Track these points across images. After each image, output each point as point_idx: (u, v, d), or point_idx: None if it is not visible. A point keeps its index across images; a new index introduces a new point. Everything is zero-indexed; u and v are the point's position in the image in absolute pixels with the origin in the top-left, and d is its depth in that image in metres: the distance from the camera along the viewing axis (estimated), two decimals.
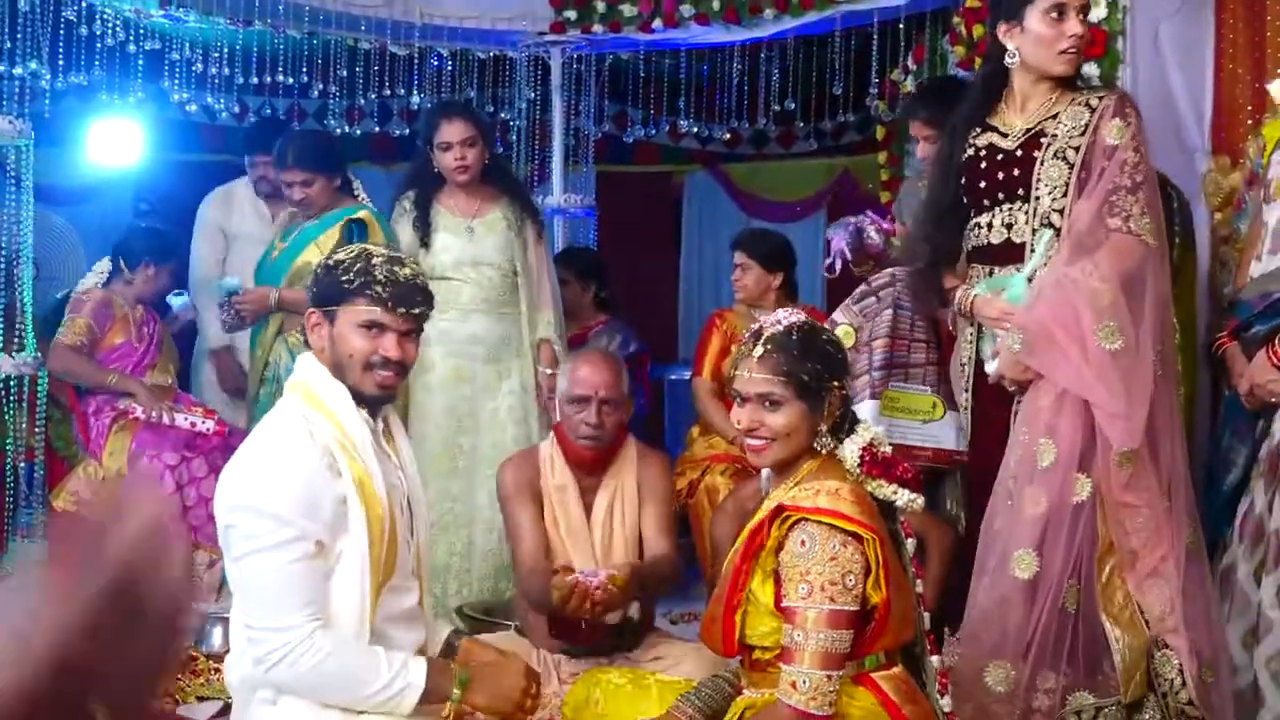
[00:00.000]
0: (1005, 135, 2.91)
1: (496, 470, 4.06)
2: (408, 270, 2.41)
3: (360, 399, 2.38)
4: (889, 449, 2.36)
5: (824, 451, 2.36)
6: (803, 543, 2.21)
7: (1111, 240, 2.67)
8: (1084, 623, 2.68)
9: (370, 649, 2.27)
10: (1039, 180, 2.83)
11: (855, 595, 2.19)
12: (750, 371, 2.33)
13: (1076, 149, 2.80)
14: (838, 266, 3.87)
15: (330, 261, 2.43)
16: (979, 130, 2.97)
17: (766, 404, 2.31)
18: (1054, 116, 2.84)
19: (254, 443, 2.36)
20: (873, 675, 2.29)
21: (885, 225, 3.42)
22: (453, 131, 4.18)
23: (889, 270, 3.35)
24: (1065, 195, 2.81)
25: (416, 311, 2.41)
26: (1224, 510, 2.90)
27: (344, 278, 2.36)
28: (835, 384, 2.33)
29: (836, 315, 3.28)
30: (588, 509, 3.36)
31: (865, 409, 3.04)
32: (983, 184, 2.90)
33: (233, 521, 2.26)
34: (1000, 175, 2.89)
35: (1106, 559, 2.70)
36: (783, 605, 2.23)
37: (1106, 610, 2.67)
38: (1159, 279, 2.75)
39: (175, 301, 5.04)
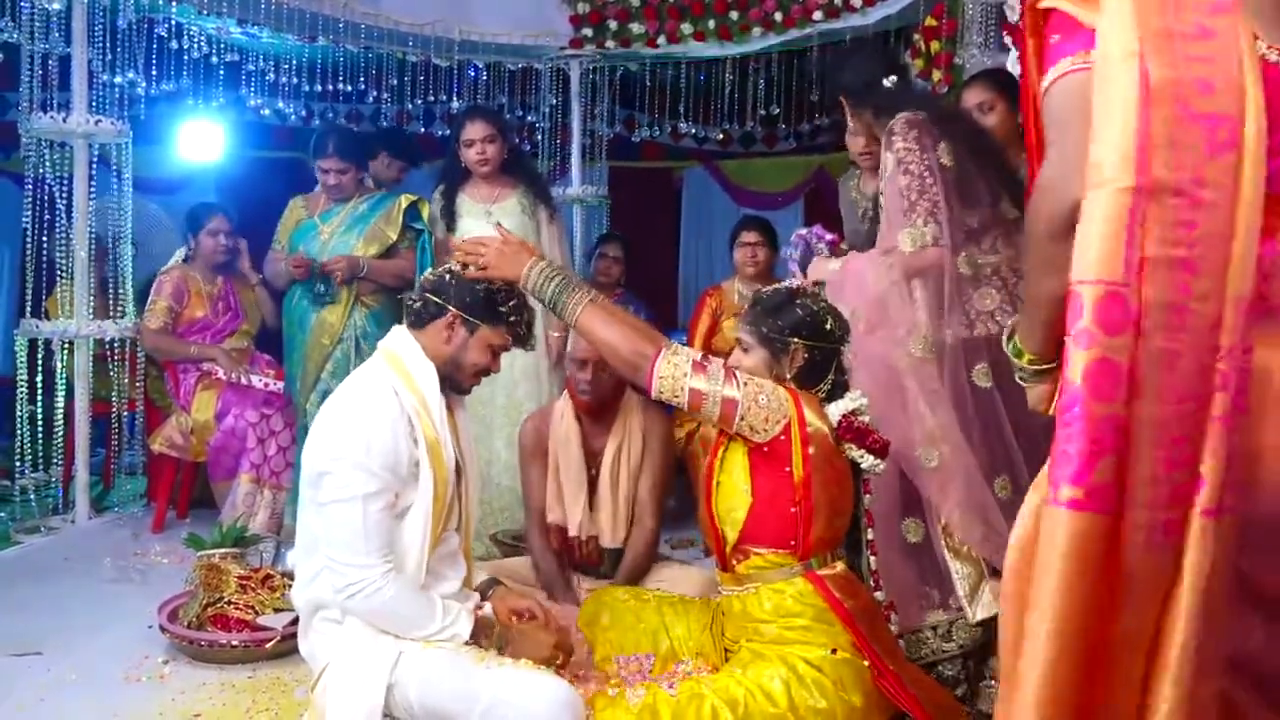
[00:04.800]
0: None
1: (510, 417, 4.10)
2: (530, 313, 2.48)
3: (450, 385, 2.43)
4: (868, 419, 2.35)
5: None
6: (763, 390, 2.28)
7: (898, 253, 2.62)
8: (930, 553, 2.64)
9: (430, 598, 2.30)
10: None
11: (753, 404, 2.23)
12: (738, 320, 2.51)
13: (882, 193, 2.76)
14: (797, 278, 3.93)
15: (493, 286, 2.41)
16: None
17: (741, 348, 2.43)
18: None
19: (350, 403, 2.32)
20: (818, 573, 2.29)
21: (829, 237, 3.42)
22: (475, 130, 4.15)
23: None
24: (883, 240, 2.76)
25: (528, 346, 2.53)
26: None
27: (501, 308, 2.41)
28: (796, 340, 2.34)
29: None
30: (598, 453, 3.36)
31: None
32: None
33: (330, 469, 2.24)
34: None
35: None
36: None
37: (947, 545, 2.62)
38: (928, 258, 2.62)
39: None
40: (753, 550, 2.33)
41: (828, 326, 2.38)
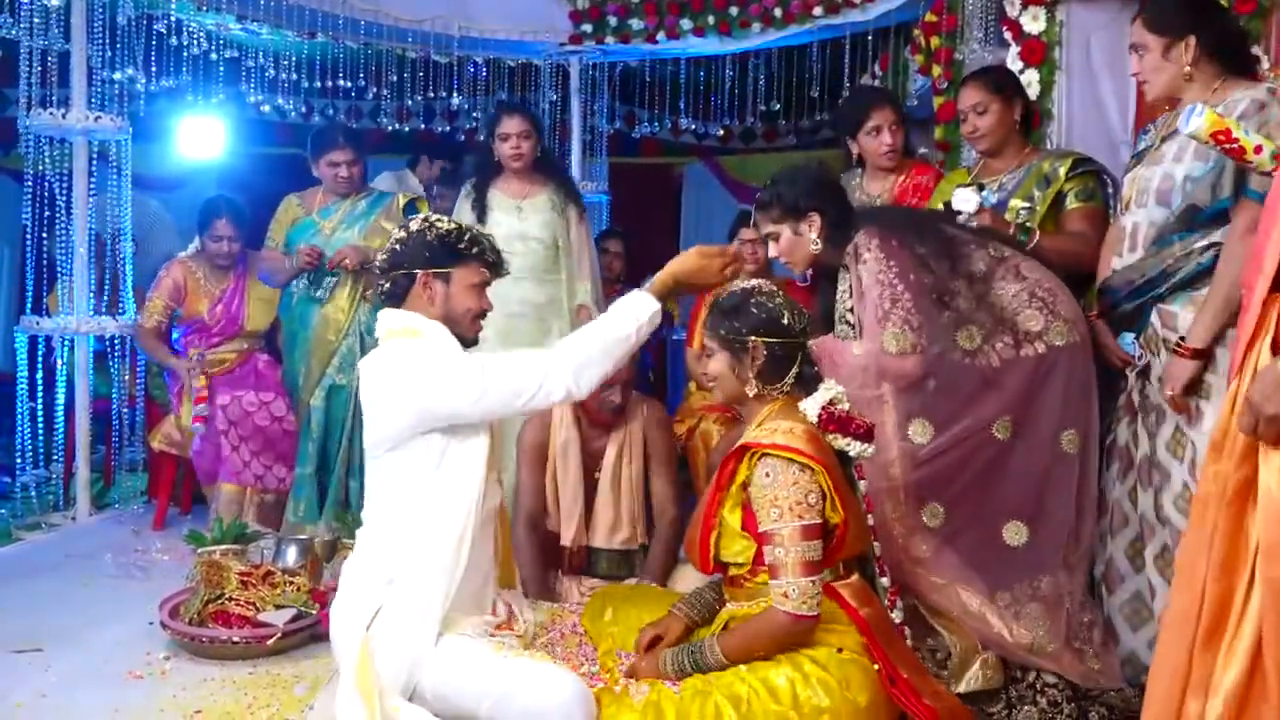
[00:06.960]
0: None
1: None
2: (491, 238, 2.55)
3: (461, 343, 2.47)
4: (846, 406, 2.34)
5: (777, 395, 2.36)
6: (766, 474, 2.22)
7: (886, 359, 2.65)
8: (919, 619, 2.66)
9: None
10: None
11: (818, 511, 2.21)
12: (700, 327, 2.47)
13: (850, 309, 2.76)
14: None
15: (441, 231, 2.46)
16: None
17: (705, 353, 2.43)
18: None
19: (408, 351, 2.37)
20: (834, 585, 2.28)
21: None
22: (511, 125, 4.18)
23: None
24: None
25: (503, 272, 2.57)
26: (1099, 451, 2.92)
27: (460, 245, 2.46)
28: (754, 339, 2.33)
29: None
30: (598, 459, 3.35)
31: None
32: None
33: (445, 383, 2.29)
34: None
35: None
36: (759, 531, 2.24)
37: (934, 615, 2.64)
38: (906, 366, 2.66)
39: None
40: (762, 569, 2.31)
41: (785, 321, 2.35)
